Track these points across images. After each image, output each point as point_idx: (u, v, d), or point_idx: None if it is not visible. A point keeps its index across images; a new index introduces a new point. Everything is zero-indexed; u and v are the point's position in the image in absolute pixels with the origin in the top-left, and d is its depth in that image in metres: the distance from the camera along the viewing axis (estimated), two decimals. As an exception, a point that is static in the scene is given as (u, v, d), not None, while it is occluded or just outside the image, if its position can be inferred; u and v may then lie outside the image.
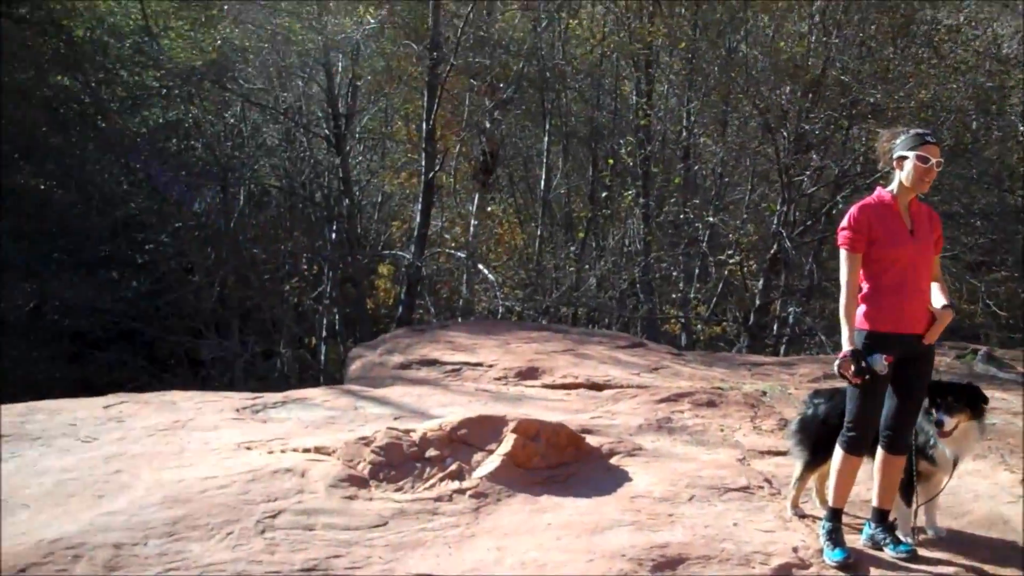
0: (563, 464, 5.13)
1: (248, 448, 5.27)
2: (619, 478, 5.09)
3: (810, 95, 13.17)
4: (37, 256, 15.61)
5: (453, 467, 4.92)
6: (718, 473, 5.17)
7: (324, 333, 15.61)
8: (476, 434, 5.18)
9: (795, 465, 4.72)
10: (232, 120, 15.87)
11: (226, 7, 13.59)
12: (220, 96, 15.54)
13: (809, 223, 14.10)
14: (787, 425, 5.43)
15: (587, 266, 14.85)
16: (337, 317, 15.39)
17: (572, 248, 15.28)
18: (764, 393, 7.26)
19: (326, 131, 14.87)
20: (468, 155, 15.94)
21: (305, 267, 15.61)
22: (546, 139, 15.45)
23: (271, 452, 5.16)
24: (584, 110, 15.90)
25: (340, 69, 14.91)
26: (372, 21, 13.20)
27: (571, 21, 15.32)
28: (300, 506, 4.43)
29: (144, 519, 4.20)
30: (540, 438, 5.13)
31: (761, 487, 5.03)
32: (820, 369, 8.52)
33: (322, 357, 15.53)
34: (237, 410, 6.30)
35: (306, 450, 5.13)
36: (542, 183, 15.51)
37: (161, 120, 15.72)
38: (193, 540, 4.07)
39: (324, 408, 6.47)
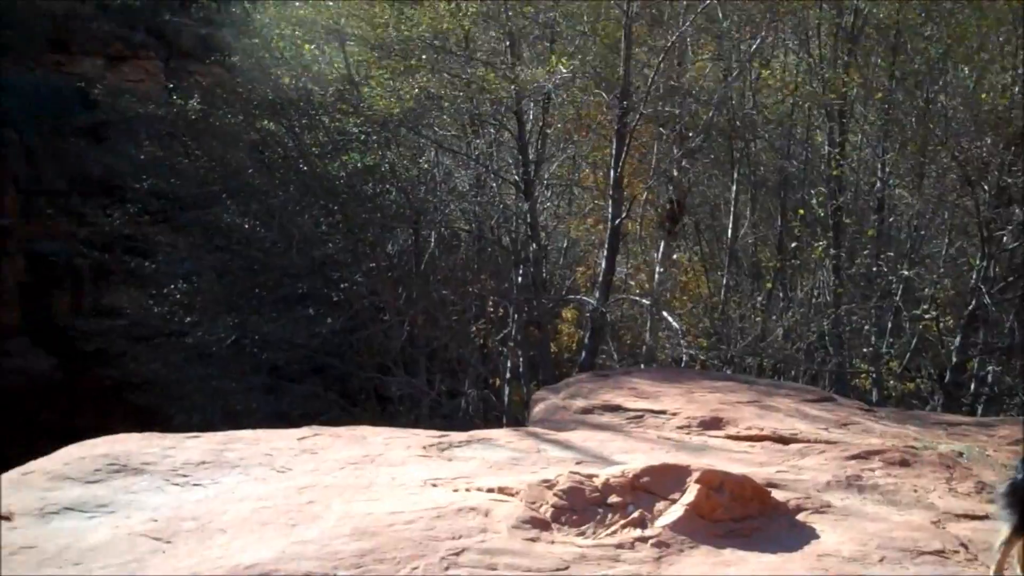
0: (747, 517, 5.04)
1: (434, 485, 5.37)
2: (806, 535, 4.97)
3: (1012, 148, 12.66)
4: (239, 291, 16.41)
5: (635, 515, 4.90)
6: (911, 535, 4.99)
7: (508, 375, 15.78)
8: (659, 483, 5.15)
9: (1001, 530, 4.52)
10: (426, 165, 16.32)
11: (424, 57, 14.01)
12: (415, 142, 16.03)
13: (1010, 279, 13.49)
14: (986, 488, 5.21)
15: (774, 317, 14.58)
16: (521, 359, 15.54)
17: (759, 298, 15.03)
18: (960, 454, 6.95)
19: (515, 177, 15.10)
20: (655, 203, 15.92)
21: (491, 309, 15.84)
22: (734, 188, 15.29)
23: (456, 490, 5.24)
24: (774, 159, 15.67)
25: (531, 117, 15.15)
26: (564, 71, 13.37)
27: (763, 71, 15.17)
28: (483, 545, 4.49)
29: (334, 550, 4.33)
30: (724, 490, 5.06)
31: (956, 551, 4.83)
32: (1021, 431, 8.11)
33: (506, 398, 15.70)
34: (424, 447, 6.41)
35: (490, 490, 5.19)
36: (729, 232, 15.34)
37: (359, 164, 16.28)
38: (380, 573, 4.17)
39: (508, 449, 6.53)
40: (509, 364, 15.92)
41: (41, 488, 5.15)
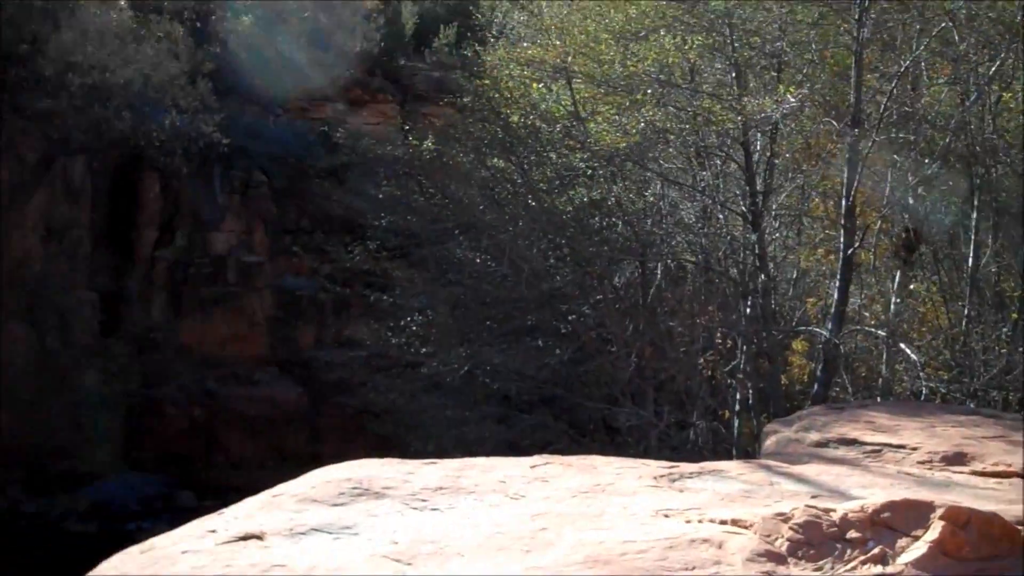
0: (996, 557, 4.81)
1: (666, 516, 5.36)
2: (1058, 578, 4.73)
3: None
4: (471, 323, 16.95)
5: (875, 551, 4.77)
6: None
7: (737, 406, 15.56)
8: (900, 518, 4.98)
9: None
10: (652, 198, 16.38)
11: (649, 91, 14.11)
12: (641, 175, 16.13)
13: None
14: None
15: (1021, 349, 13.83)
16: (751, 391, 15.31)
17: (1004, 329, 14.31)
18: None
19: (743, 208, 14.96)
20: (889, 232, 15.41)
21: (720, 341, 15.69)
22: (974, 215, 14.63)
23: (688, 521, 5.22)
24: (1017, 185, 14.91)
25: (758, 147, 14.99)
26: (792, 99, 13.18)
27: (1004, 93, 14.49)
28: (718, 577, 4.47)
29: (567, 576, 4.41)
30: (971, 527, 4.85)
31: None
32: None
33: (735, 430, 15.49)
34: (654, 478, 6.40)
35: (723, 522, 5.14)
36: (970, 261, 14.67)
37: (586, 199, 16.54)
38: (615, 601, 4.23)
39: (739, 481, 6.45)
40: (738, 396, 15.69)
41: (290, 510, 5.41)
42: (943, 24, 13.30)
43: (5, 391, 23.41)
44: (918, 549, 4.77)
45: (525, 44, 16.69)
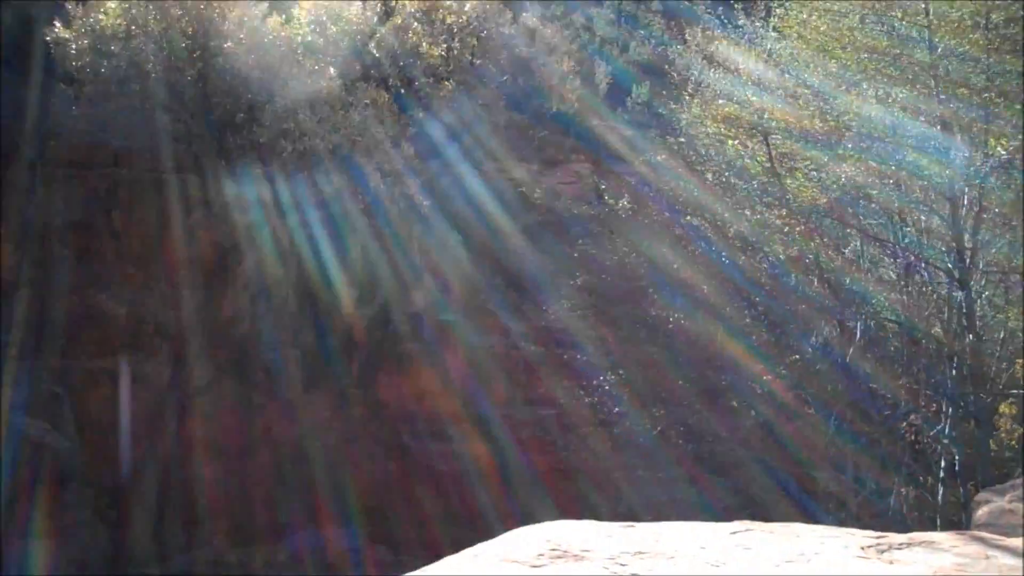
0: None
1: (876, 589, 5.20)
2: None
3: None
4: (664, 383, 16.83)
5: (1105, 633, 4.51)
6: None
7: (942, 473, 14.90)
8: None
9: None
10: (850, 255, 15.97)
11: (850, 145, 13.82)
12: (840, 232, 15.75)
13: None
14: None
15: None
16: (956, 457, 14.64)
17: None
18: None
19: (948, 265, 14.41)
20: (1109, 290, 14.56)
21: (924, 404, 15.09)
22: None
23: (900, 595, 5.05)
24: None
25: (966, 201, 14.43)
26: (1003, 152, 12.68)
27: None
28: (936, 656, 4.29)
29: (776, 647, 4.31)
30: None
31: None
32: None
33: (939, 498, 14.82)
34: (862, 548, 6.20)
35: (937, 597, 4.96)
36: None
37: (782, 256, 16.26)
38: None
39: (952, 554, 6.18)
40: (943, 462, 15.03)
41: (490, 570, 5.47)
42: None
43: (213, 444, 24.54)
44: None
45: (721, 101, 16.61)
